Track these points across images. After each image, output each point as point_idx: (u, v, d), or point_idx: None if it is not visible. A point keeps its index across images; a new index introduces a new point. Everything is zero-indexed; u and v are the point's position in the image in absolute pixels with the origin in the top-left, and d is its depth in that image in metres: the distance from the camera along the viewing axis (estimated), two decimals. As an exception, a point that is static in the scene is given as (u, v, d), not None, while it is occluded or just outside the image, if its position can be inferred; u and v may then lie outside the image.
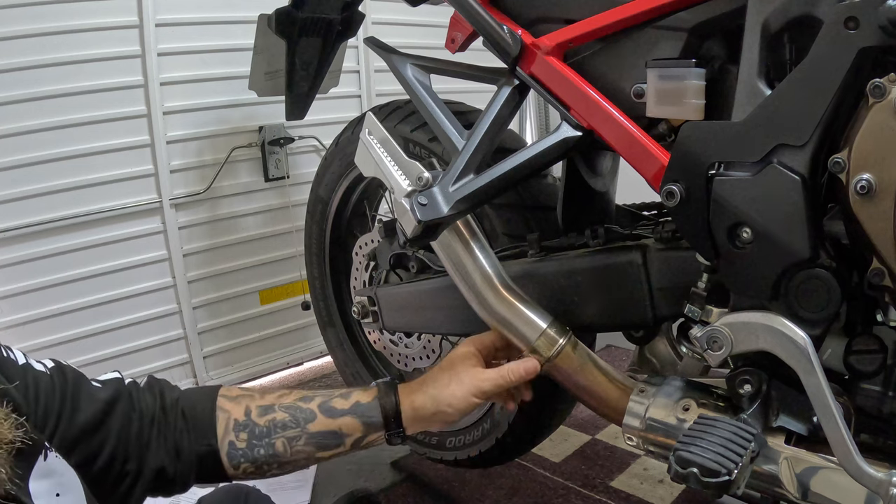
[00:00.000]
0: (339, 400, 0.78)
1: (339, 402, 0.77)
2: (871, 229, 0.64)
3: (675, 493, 1.40)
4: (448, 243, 0.93)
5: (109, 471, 0.68)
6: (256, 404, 0.76)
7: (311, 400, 0.77)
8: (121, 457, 0.69)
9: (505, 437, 1.23)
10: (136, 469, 0.70)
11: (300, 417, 0.76)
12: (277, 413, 0.76)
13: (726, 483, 0.65)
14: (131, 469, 0.70)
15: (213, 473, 0.75)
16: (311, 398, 0.78)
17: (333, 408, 0.77)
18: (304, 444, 0.76)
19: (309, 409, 0.77)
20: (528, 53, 0.91)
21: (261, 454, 0.74)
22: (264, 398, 0.77)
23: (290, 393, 0.78)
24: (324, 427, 0.76)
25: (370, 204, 1.56)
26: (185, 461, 0.73)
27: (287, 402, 0.77)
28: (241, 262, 2.05)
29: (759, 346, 0.72)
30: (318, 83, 1.50)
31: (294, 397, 0.77)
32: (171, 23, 1.79)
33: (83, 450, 0.66)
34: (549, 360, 0.88)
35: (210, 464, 0.74)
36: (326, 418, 0.76)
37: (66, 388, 0.67)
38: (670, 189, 0.76)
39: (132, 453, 0.70)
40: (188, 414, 0.75)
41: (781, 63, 0.73)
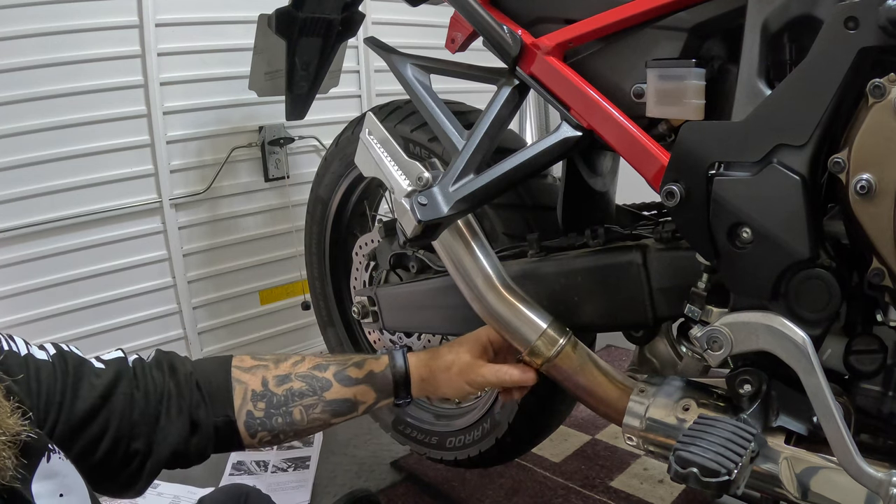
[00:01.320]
0: (354, 369, 0.81)
1: (353, 371, 0.81)
2: (871, 229, 0.64)
3: (675, 493, 1.40)
4: (448, 243, 0.94)
5: (114, 454, 0.69)
6: (273, 374, 0.79)
7: (325, 369, 0.80)
8: (125, 438, 0.70)
9: (505, 437, 1.23)
10: (144, 448, 0.71)
11: (317, 386, 0.79)
12: (294, 382, 0.79)
13: (726, 483, 0.65)
14: (139, 448, 0.71)
15: (230, 443, 0.77)
16: (325, 366, 0.81)
17: (349, 376, 0.80)
18: (320, 411, 0.79)
19: (325, 377, 0.80)
20: (528, 53, 0.91)
21: (278, 423, 0.77)
22: (279, 367, 0.80)
23: (304, 361, 0.81)
24: (340, 395, 0.80)
25: (370, 204, 1.56)
26: (202, 434, 0.75)
27: (303, 371, 0.79)
28: (241, 262, 2.05)
29: (759, 346, 0.72)
30: (318, 83, 1.50)
31: (308, 365, 0.80)
32: (171, 23, 1.79)
33: (83, 438, 0.67)
34: (549, 360, 0.88)
35: (227, 434, 0.76)
36: (343, 387, 0.80)
37: (66, 377, 0.67)
38: (670, 189, 0.76)
39: (139, 432, 0.71)
40: (203, 387, 0.77)
41: (781, 63, 0.73)
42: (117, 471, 0.70)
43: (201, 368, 0.79)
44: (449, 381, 0.84)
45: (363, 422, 1.71)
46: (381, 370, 0.82)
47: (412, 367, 0.83)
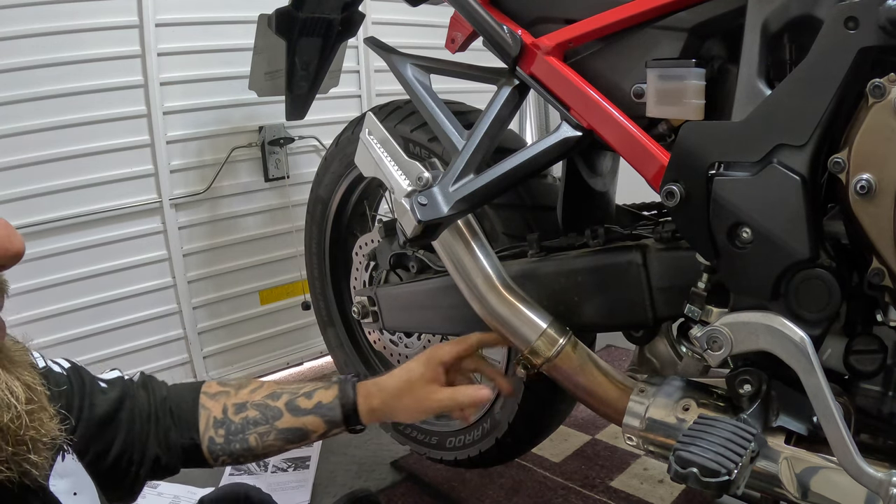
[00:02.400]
0: (303, 399, 0.84)
1: (303, 402, 0.83)
2: (871, 229, 0.64)
3: (675, 493, 1.40)
4: (448, 243, 0.94)
5: (119, 463, 0.74)
6: (232, 402, 0.83)
7: (278, 398, 0.84)
8: (128, 450, 0.75)
9: (505, 437, 1.23)
10: (138, 459, 0.77)
11: (269, 415, 0.83)
12: (249, 411, 0.83)
13: (726, 483, 0.65)
14: (135, 459, 0.76)
15: (197, 462, 0.83)
16: (279, 395, 0.84)
17: (298, 407, 0.83)
18: (273, 438, 0.83)
19: (277, 407, 0.83)
20: (528, 53, 0.91)
21: (237, 448, 0.82)
22: (238, 395, 0.84)
23: (261, 388, 0.85)
24: (290, 424, 0.83)
25: (370, 204, 1.56)
26: (173, 452, 0.81)
27: (257, 400, 0.83)
28: (241, 262, 2.05)
29: (759, 346, 0.72)
30: (318, 83, 1.50)
31: (263, 393, 0.84)
32: (171, 23, 1.79)
33: (98, 445, 0.72)
34: (549, 360, 0.88)
35: (193, 455, 0.82)
36: (292, 416, 0.83)
37: (83, 389, 0.72)
38: (670, 189, 0.76)
39: (136, 445, 0.76)
40: (175, 411, 0.82)
41: (781, 63, 0.73)
42: (120, 480, 0.75)
43: (175, 393, 0.84)
44: (404, 408, 0.85)
45: (363, 422, 1.72)
46: (328, 401, 0.84)
47: (361, 396, 0.84)
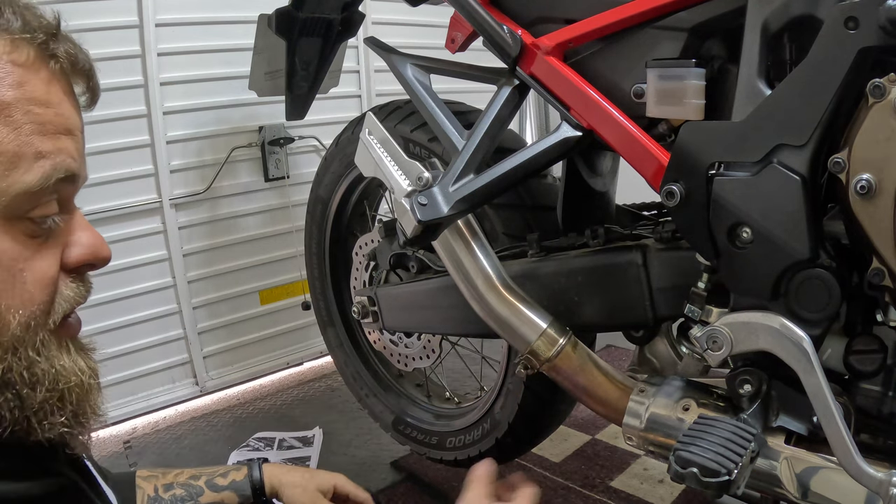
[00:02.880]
0: (220, 478, 0.97)
1: (220, 480, 0.97)
2: (871, 229, 0.64)
3: (675, 493, 1.40)
4: (448, 243, 0.94)
5: None
6: (161, 483, 0.94)
7: (199, 478, 0.97)
8: None
9: (505, 437, 1.23)
10: None
11: (193, 493, 0.94)
12: (177, 489, 0.94)
13: (726, 483, 0.65)
14: None
15: None
16: (199, 476, 0.97)
17: (217, 484, 0.96)
18: None
19: (198, 485, 0.95)
20: (528, 53, 0.91)
21: None
22: (166, 477, 0.95)
23: (184, 472, 0.97)
24: (210, 500, 0.95)
25: (370, 204, 1.56)
26: None
27: (182, 480, 0.96)
28: (241, 262, 2.05)
29: (759, 346, 0.72)
30: (318, 83, 1.50)
31: (187, 475, 0.96)
32: (171, 23, 1.79)
33: None
34: (549, 360, 0.88)
35: None
36: (212, 492, 0.95)
37: None
38: (670, 189, 0.76)
39: None
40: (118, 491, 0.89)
41: (781, 63, 0.73)
42: None
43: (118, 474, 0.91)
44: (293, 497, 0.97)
45: (363, 422, 1.72)
46: (241, 479, 0.97)
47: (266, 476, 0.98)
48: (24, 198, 0.45)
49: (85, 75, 0.53)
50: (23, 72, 0.46)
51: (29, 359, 0.47)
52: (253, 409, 1.96)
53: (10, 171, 0.44)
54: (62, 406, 0.49)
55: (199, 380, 2.01)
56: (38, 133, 0.46)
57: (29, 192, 0.45)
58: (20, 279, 0.46)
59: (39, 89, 0.47)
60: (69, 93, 0.51)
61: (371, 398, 1.56)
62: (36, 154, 0.46)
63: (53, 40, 0.50)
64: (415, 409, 1.51)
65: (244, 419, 1.89)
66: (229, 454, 1.66)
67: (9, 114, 0.45)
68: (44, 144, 0.46)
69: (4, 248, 0.45)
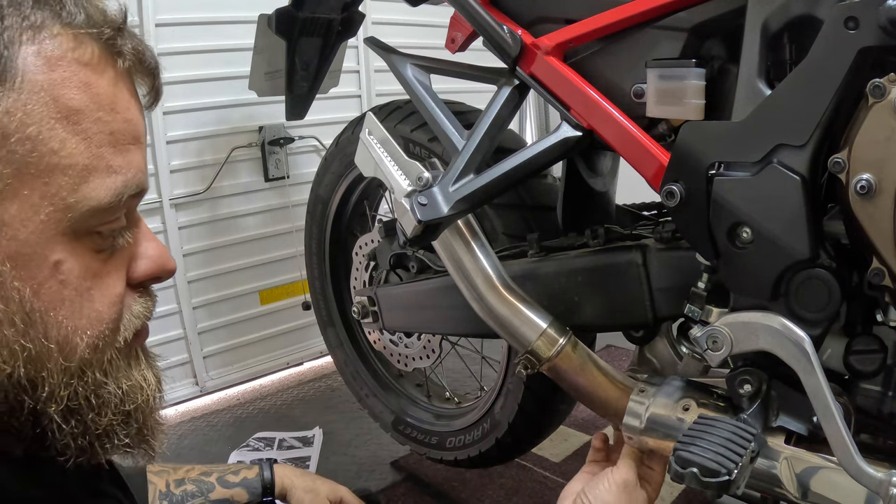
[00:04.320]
0: (231, 475, 0.98)
1: (231, 477, 0.98)
2: (871, 229, 0.64)
3: (675, 493, 1.40)
4: (448, 243, 0.93)
5: None
6: (172, 478, 0.95)
7: (211, 474, 0.98)
8: None
9: (505, 437, 1.23)
10: None
11: (204, 488, 0.95)
12: (188, 485, 0.95)
13: (726, 483, 0.65)
14: None
15: None
16: (210, 473, 0.98)
17: (227, 481, 0.97)
18: None
19: (210, 481, 0.96)
20: (528, 53, 0.91)
21: None
22: (177, 473, 0.96)
23: (195, 468, 0.98)
24: (220, 496, 0.96)
25: (370, 204, 1.56)
26: None
27: (194, 476, 0.97)
28: (241, 262, 2.05)
29: (759, 346, 0.72)
30: (318, 83, 1.50)
31: (198, 472, 0.98)
32: (171, 23, 1.79)
33: None
34: (549, 360, 0.88)
35: None
36: (223, 489, 0.96)
37: None
38: (670, 189, 0.76)
39: None
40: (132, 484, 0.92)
41: (781, 63, 0.73)
42: None
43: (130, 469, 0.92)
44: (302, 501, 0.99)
45: (363, 422, 1.72)
46: (252, 476, 0.99)
47: (277, 476, 1.00)
48: (94, 214, 0.42)
49: (151, 74, 0.49)
50: (89, 72, 0.42)
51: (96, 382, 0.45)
52: (253, 409, 1.96)
53: (79, 186, 0.41)
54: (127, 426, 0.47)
55: (199, 380, 2.01)
56: (108, 144, 0.43)
57: (99, 209, 0.42)
58: (88, 298, 0.44)
59: (107, 92, 0.43)
60: (134, 94, 0.47)
61: (371, 398, 1.56)
62: (107, 168, 0.42)
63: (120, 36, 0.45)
64: (415, 409, 1.51)
65: (244, 419, 1.89)
66: (229, 454, 1.66)
67: (77, 121, 0.41)
68: (115, 158, 0.43)
69: (71, 266, 0.42)
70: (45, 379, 0.42)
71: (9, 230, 0.40)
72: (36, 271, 0.41)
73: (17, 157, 0.39)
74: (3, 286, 0.40)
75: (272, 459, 1.04)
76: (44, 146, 0.40)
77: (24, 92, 0.39)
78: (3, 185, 0.39)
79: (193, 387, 2.00)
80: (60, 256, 0.42)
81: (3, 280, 0.40)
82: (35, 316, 0.41)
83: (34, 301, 0.41)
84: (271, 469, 1.00)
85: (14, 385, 0.41)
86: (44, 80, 0.40)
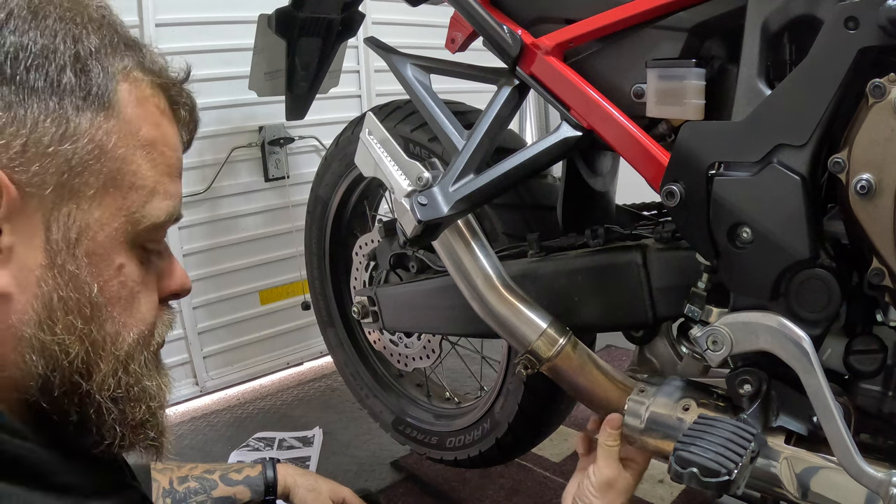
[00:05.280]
0: (234, 473, 0.99)
1: (234, 475, 0.99)
2: (871, 229, 0.64)
3: (675, 493, 1.40)
4: (448, 243, 0.94)
5: None
6: (176, 476, 0.96)
7: (214, 472, 0.99)
8: None
9: (505, 437, 1.23)
10: None
11: (206, 486, 0.97)
12: (191, 482, 0.96)
13: (726, 483, 0.65)
14: None
15: None
16: (213, 471, 0.99)
17: (230, 479, 0.98)
18: None
19: (212, 479, 0.98)
20: (528, 53, 0.91)
21: None
22: (181, 470, 0.97)
23: (198, 466, 1.00)
24: (223, 493, 0.97)
25: (370, 204, 1.56)
26: None
27: (197, 474, 0.98)
28: (241, 262, 2.05)
29: (759, 346, 0.72)
30: (318, 83, 1.50)
31: (201, 470, 0.99)
32: (171, 23, 1.79)
33: None
34: (549, 360, 0.88)
35: None
36: (225, 486, 0.98)
37: None
38: (670, 189, 0.76)
39: None
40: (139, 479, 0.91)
41: (781, 63, 0.73)
42: None
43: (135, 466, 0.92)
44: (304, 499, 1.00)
45: (363, 422, 1.72)
46: (254, 475, 1.00)
47: (280, 475, 1.01)
48: (151, 230, 0.50)
49: (194, 126, 0.60)
50: (160, 115, 0.52)
51: (136, 374, 0.51)
52: (253, 409, 1.96)
53: (146, 204, 0.49)
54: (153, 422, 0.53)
55: (199, 380, 2.01)
56: (167, 174, 0.51)
57: (156, 226, 0.50)
58: (136, 301, 0.51)
59: (170, 133, 0.53)
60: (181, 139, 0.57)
61: (371, 398, 1.56)
62: (165, 193, 0.51)
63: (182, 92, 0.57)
64: (415, 409, 1.51)
65: (244, 419, 1.89)
66: (229, 454, 1.66)
67: (150, 151, 0.49)
68: (170, 186, 0.51)
69: (130, 271, 0.49)
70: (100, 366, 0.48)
71: (90, 231, 0.47)
72: (104, 270, 0.48)
73: (107, 170, 0.47)
74: (78, 279, 0.46)
75: (275, 459, 1.04)
76: (126, 167, 0.48)
77: (119, 120, 0.48)
78: (92, 192, 0.46)
79: (193, 387, 2.00)
80: (123, 261, 0.49)
81: (80, 273, 0.46)
82: (98, 308, 0.48)
83: (99, 295, 0.47)
84: (274, 468, 1.01)
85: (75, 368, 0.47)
86: (133, 114, 0.49)
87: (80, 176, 0.46)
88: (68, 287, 0.46)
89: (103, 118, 0.47)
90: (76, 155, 0.45)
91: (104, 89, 0.47)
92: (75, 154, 0.45)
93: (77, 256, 0.46)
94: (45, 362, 0.46)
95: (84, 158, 0.46)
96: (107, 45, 0.48)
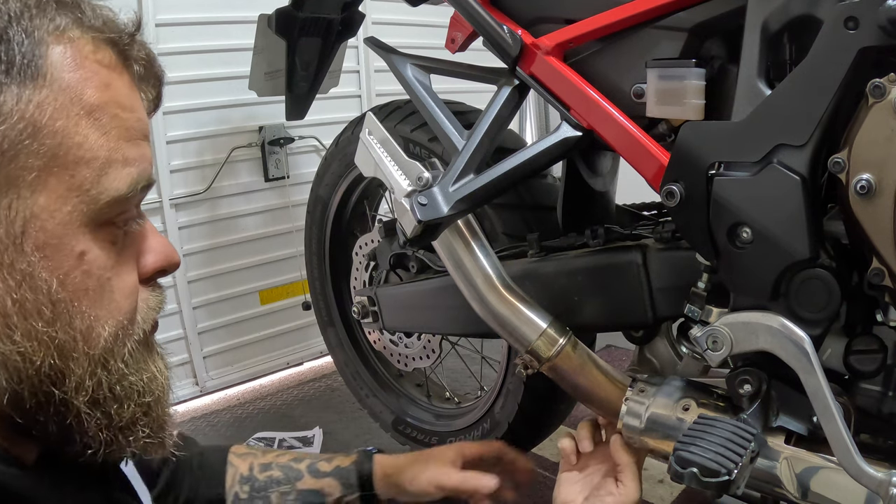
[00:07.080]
0: (324, 463, 0.91)
1: (323, 465, 0.90)
2: (871, 229, 0.64)
3: (675, 493, 1.40)
4: (448, 243, 0.94)
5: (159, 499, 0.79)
6: (259, 462, 0.89)
7: (301, 461, 0.90)
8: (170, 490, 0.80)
9: (505, 437, 1.23)
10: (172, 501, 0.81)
11: (291, 476, 0.89)
12: (274, 471, 0.89)
13: (726, 483, 0.65)
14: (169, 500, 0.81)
15: None
16: (301, 459, 0.91)
17: (318, 469, 0.90)
18: (293, 499, 0.88)
19: (299, 469, 0.89)
20: (528, 53, 0.91)
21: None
22: (266, 456, 0.90)
23: (286, 454, 0.92)
24: (310, 486, 0.89)
25: (370, 204, 1.56)
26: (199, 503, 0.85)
27: (283, 462, 0.90)
28: (241, 262, 2.05)
29: (759, 346, 0.72)
30: (318, 83, 1.50)
31: (288, 457, 0.91)
32: (171, 23, 1.79)
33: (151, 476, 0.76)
34: (549, 359, 0.88)
35: None
36: (312, 478, 0.89)
37: None
38: (670, 189, 0.76)
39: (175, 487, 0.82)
40: (205, 467, 0.87)
41: (781, 63, 0.73)
42: None
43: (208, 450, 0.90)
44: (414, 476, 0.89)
45: (363, 422, 1.72)
46: (347, 465, 0.90)
47: (377, 464, 0.90)
48: (113, 205, 0.45)
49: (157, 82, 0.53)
50: (108, 73, 0.45)
51: (119, 372, 0.46)
52: (253, 409, 1.96)
53: (101, 178, 0.44)
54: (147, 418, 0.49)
55: (199, 380, 2.01)
56: (124, 139, 0.45)
57: (118, 199, 0.45)
58: (108, 288, 0.45)
59: (123, 93, 0.46)
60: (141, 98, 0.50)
61: (371, 398, 1.56)
62: (124, 161, 0.45)
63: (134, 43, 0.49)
64: (415, 409, 1.51)
65: (244, 419, 1.89)
66: (229, 454, 1.66)
67: (98, 117, 0.44)
68: (130, 151, 0.45)
69: (94, 257, 0.44)
70: (73, 369, 0.44)
71: (37, 221, 0.41)
72: (62, 261, 0.43)
73: (45, 149, 0.41)
74: (32, 276, 0.41)
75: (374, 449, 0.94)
76: (70, 140, 0.42)
77: (53, 89, 0.42)
78: (33, 177, 0.41)
79: (193, 387, 2.00)
80: (84, 247, 0.44)
81: (33, 270, 0.41)
82: (61, 306, 0.43)
83: (60, 291, 0.43)
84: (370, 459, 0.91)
85: (43, 376, 0.43)
86: (69, 79, 0.43)
87: (15, 160, 0.40)
88: (21, 288, 0.41)
89: (33, 90, 0.41)
90: (6, 138, 0.40)
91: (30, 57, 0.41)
92: (5, 137, 0.40)
93: (26, 252, 0.41)
94: (9, 375, 0.42)
95: (15, 140, 0.40)
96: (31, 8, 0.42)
